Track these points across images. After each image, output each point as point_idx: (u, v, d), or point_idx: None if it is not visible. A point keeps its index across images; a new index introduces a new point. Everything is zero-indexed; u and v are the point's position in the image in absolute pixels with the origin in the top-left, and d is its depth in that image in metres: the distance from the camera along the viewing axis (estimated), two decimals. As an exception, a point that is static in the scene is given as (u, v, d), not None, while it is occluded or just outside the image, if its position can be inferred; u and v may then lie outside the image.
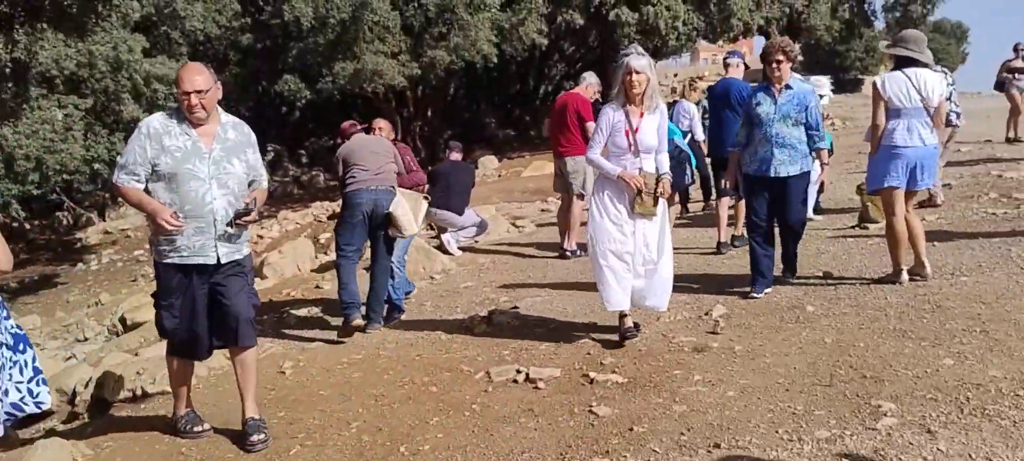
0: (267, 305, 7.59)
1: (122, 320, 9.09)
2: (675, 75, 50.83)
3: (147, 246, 19.34)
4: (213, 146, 3.67)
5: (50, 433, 4.92)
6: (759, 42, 30.48)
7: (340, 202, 6.07)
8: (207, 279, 3.77)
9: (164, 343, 6.64)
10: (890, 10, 38.53)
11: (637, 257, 4.62)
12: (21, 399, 3.29)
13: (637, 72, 4.51)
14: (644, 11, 21.18)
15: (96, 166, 14.55)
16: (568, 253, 7.92)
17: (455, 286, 7.27)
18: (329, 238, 13.48)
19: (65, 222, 21.75)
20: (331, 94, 19.41)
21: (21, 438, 5.01)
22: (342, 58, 18.17)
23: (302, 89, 18.99)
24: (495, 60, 20.12)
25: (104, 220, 21.78)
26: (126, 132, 15.91)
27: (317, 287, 8.23)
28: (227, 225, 3.68)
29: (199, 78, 3.58)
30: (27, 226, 21.67)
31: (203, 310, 3.81)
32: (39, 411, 3.58)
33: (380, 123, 6.51)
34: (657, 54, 25.85)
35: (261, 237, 14.52)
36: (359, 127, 6.19)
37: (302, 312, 7.00)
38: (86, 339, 11.75)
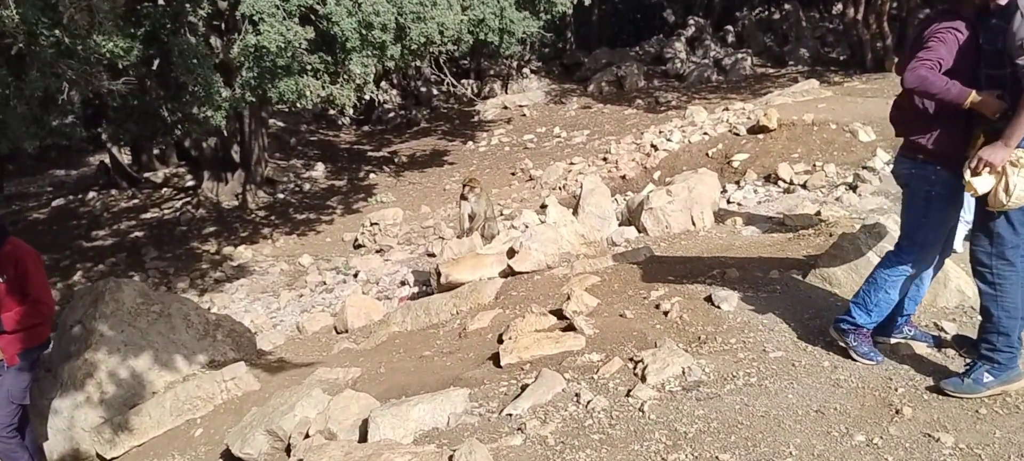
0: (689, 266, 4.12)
1: (437, 272, 6.54)
2: None
3: (539, 129, 17.15)
4: None
5: None
6: None
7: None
8: None
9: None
10: None
11: None
12: None
13: None
14: None
15: (481, 35, 12.13)
16: None
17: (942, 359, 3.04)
18: (745, 161, 9.47)
19: (471, 91, 20.70)
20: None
21: None
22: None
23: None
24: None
25: (507, 92, 20.26)
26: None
27: (716, 276, 4.51)
28: None
29: None
30: (419, 92, 21.05)
31: None
32: None
33: None
34: None
35: (656, 147, 11.02)
36: None
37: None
38: (432, 256, 9.71)
